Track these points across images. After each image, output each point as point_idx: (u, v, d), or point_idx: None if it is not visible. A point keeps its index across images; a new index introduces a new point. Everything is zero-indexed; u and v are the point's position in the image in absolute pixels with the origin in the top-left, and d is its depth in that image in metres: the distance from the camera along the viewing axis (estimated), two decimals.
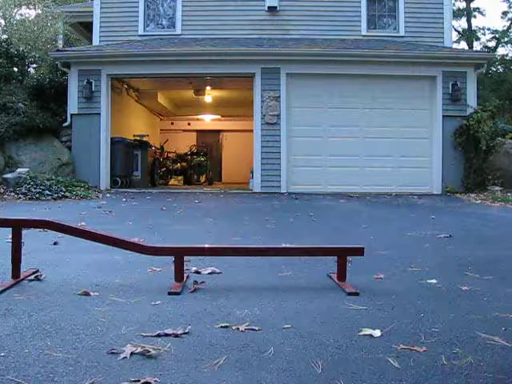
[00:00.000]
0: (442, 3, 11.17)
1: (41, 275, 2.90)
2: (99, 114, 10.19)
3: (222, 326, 2.08)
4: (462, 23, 25.53)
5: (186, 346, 1.87)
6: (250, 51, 10.15)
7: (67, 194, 8.33)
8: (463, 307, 2.43)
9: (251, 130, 10.50)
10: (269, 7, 11.22)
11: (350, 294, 2.61)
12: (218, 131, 17.93)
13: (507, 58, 23.39)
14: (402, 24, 11.31)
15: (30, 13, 13.84)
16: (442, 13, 11.18)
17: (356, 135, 10.17)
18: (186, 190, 11.23)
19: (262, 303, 2.43)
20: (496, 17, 53.28)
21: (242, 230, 5.13)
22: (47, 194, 8.08)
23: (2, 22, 12.76)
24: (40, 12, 13.06)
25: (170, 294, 2.57)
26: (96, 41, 11.35)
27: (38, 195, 8.03)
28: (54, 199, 7.99)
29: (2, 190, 8.27)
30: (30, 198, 7.93)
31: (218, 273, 3.09)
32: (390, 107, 10.22)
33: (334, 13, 11.19)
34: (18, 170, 8.89)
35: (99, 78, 10.21)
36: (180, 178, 15.27)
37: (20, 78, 10.94)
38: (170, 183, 14.71)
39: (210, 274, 3.06)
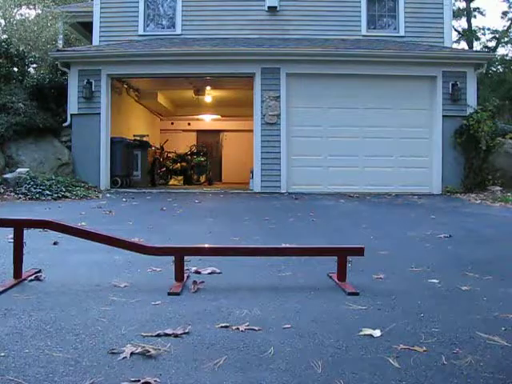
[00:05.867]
0: (442, 3, 11.17)
1: (41, 275, 2.91)
2: (99, 113, 10.19)
3: (222, 326, 2.08)
4: (462, 23, 25.54)
5: (185, 346, 1.87)
6: (250, 51, 10.15)
7: (67, 194, 8.33)
8: (463, 307, 2.43)
9: (251, 130, 10.50)
10: (269, 7, 11.22)
11: (350, 293, 2.60)
12: (218, 131, 17.92)
13: (507, 57, 23.39)
14: (402, 24, 11.31)
15: (30, 13, 13.85)
16: (442, 13, 11.17)
17: (356, 135, 10.17)
18: (186, 189, 11.23)
19: (262, 303, 2.43)
20: (496, 17, 53.25)
21: (242, 230, 5.13)
22: (47, 194, 8.07)
23: (2, 22, 12.77)
24: (40, 12, 13.06)
25: (170, 294, 2.57)
26: (96, 41, 11.35)
27: (37, 195, 8.03)
28: (54, 199, 7.98)
29: (2, 190, 8.27)
30: (30, 198, 7.93)
31: (218, 273, 3.09)
32: (390, 107, 10.22)
33: (333, 13, 11.19)
34: (18, 169, 8.88)
35: (99, 78, 10.21)
36: (180, 178, 15.26)
37: (20, 78, 10.93)
38: (170, 183, 14.71)
39: (209, 274, 3.06)
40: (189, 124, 17.64)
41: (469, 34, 24.03)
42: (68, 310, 2.29)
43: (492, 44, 24.82)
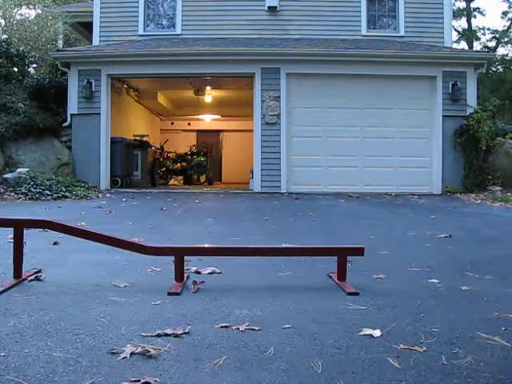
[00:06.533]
0: (442, 3, 11.17)
1: (41, 275, 2.91)
2: (99, 113, 10.19)
3: (222, 326, 2.08)
4: (462, 23, 25.54)
5: (186, 346, 1.87)
6: (250, 51, 10.15)
7: (67, 194, 8.33)
8: (463, 307, 2.43)
9: (251, 130, 10.50)
10: (269, 7, 11.22)
11: (350, 293, 2.60)
12: (218, 131, 17.92)
13: (507, 57, 23.39)
14: (402, 24, 11.31)
15: (30, 13, 13.83)
16: (442, 13, 11.18)
17: (356, 135, 10.17)
18: (186, 190, 11.23)
19: (262, 303, 2.43)
20: (496, 17, 53.26)
21: (242, 230, 5.13)
22: (47, 194, 8.07)
23: (2, 22, 12.76)
24: (40, 12, 13.05)
25: (170, 294, 2.57)
26: (96, 41, 11.35)
27: (37, 195, 8.02)
28: (54, 199, 7.98)
29: (2, 190, 8.27)
30: (29, 198, 7.93)
31: (218, 273, 3.09)
32: (390, 107, 10.22)
33: (334, 13, 11.19)
34: (18, 169, 8.88)
35: (99, 77, 10.21)
36: (180, 178, 15.27)
37: (20, 77, 10.93)
38: (170, 183, 14.71)
39: (210, 273, 3.06)
40: (189, 124, 17.64)
41: (469, 34, 24.02)
42: (68, 309, 2.29)
43: (492, 44, 24.82)
